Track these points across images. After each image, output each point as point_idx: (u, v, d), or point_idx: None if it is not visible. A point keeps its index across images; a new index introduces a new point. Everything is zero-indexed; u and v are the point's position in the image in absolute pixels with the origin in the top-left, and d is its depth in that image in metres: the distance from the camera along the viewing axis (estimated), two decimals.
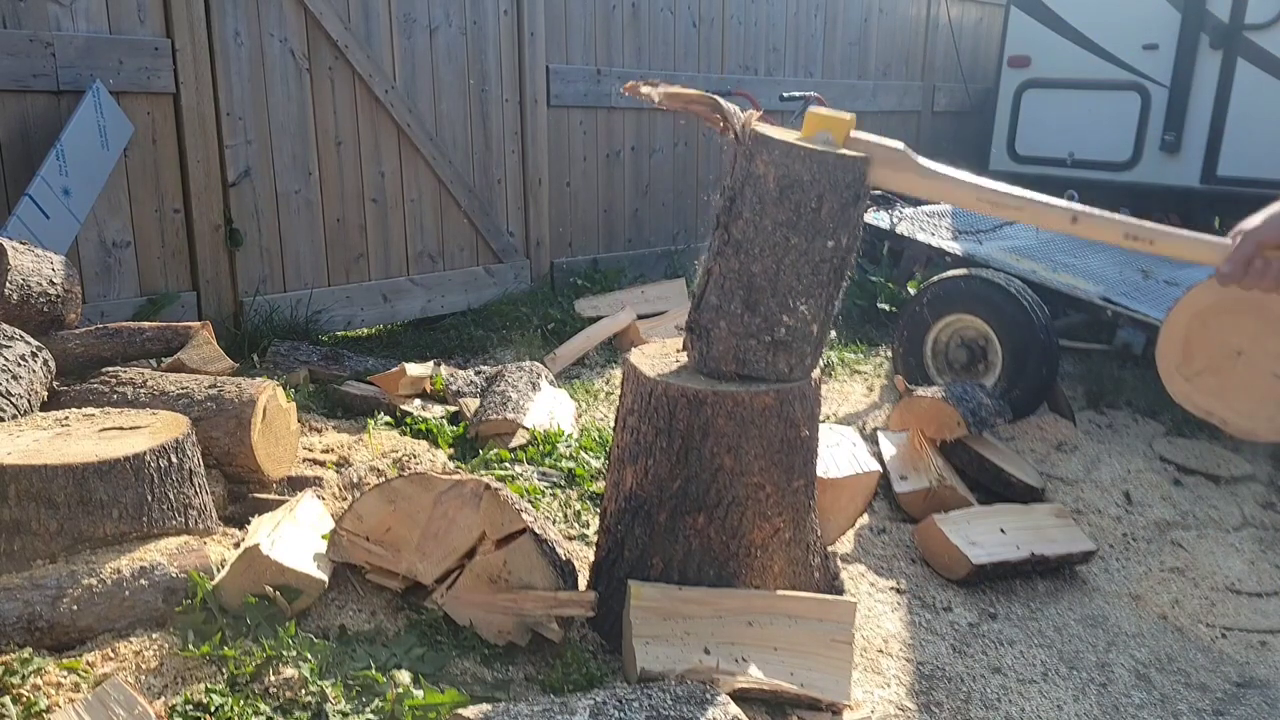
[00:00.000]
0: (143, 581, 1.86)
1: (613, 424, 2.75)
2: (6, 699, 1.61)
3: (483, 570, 1.96)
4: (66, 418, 2.19)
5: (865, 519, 2.95)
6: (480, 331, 4.68)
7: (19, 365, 2.39)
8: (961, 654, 2.31)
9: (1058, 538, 2.78)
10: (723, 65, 6.08)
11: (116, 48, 3.60)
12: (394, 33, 4.44)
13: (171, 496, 2.04)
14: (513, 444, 3.04)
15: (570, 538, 2.58)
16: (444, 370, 3.58)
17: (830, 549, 2.47)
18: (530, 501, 2.63)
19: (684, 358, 2.18)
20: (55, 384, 2.60)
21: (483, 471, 2.79)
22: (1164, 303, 3.88)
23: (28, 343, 2.49)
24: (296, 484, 2.58)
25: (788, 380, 2.06)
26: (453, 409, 3.37)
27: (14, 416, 2.28)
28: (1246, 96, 5.46)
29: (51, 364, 2.56)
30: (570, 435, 3.14)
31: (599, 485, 2.82)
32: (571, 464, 2.91)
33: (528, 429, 3.10)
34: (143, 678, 1.71)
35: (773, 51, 6.39)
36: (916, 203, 5.17)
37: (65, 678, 1.67)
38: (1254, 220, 1.64)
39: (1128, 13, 5.87)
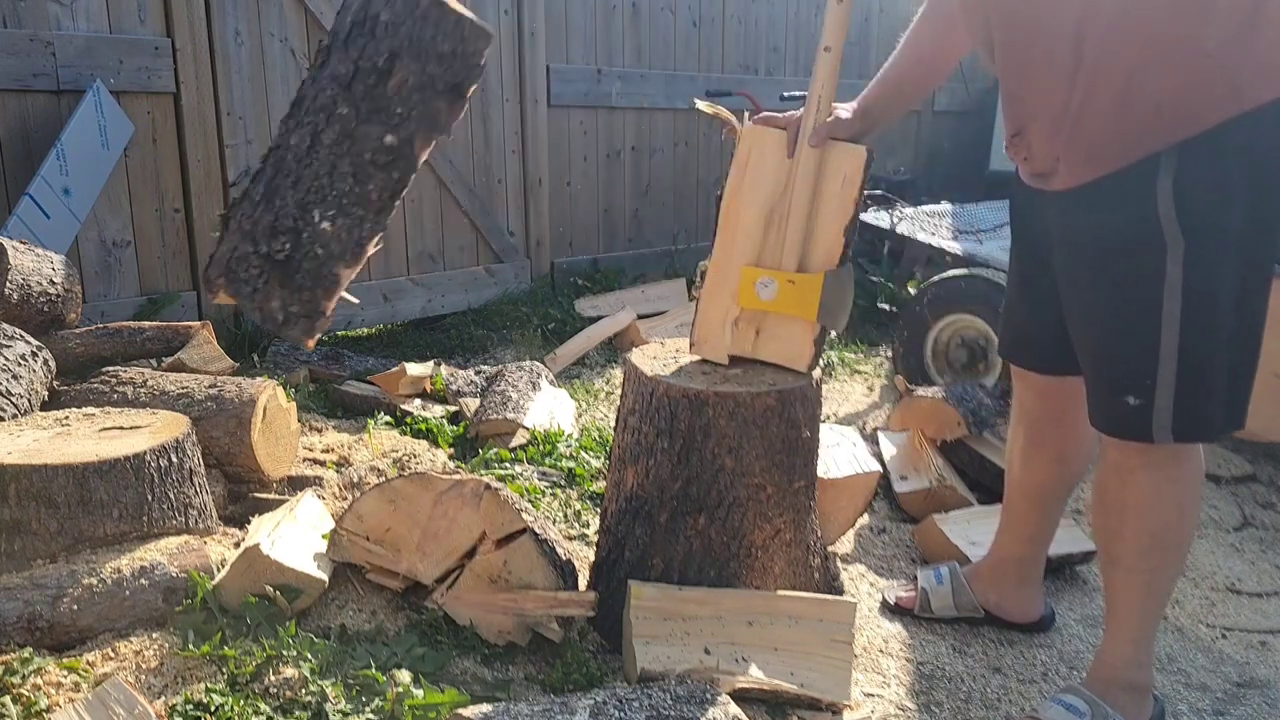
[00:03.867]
0: (143, 581, 1.86)
1: (613, 424, 2.75)
2: (6, 699, 1.61)
3: (483, 570, 1.96)
4: (66, 417, 2.19)
5: (865, 519, 2.95)
6: (480, 331, 4.68)
7: (19, 365, 2.39)
8: (961, 654, 2.31)
9: (1058, 537, 2.78)
10: (723, 65, 6.08)
11: (117, 47, 3.60)
12: None
13: (171, 496, 2.04)
14: (513, 444, 3.04)
15: (570, 538, 2.58)
16: (444, 370, 3.58)
17: (830, 549, 2.47)
18: (530, 501, 2.63)
19: (684, 358, 2.18)
20: (55, 383, 2.60)
21: (483, 471, 2.79)
22: None
23: (28, 342, 2.49)
24: (296, 484, 2.58)
25: (278, 328, 1.60)
26: (453, 409, 3.37)
27: (14, 416, 2.28)
28: None
29: (51, 363, 2.56)
30: (570, 435, 3.14)
31: (599, 485, 2.82)
32: (571, 464, 2.91)
33: (528, 429, 3.10)
34: (143, 677, 1.71)
35: (773, 51, 6.39)
36: (916, 202, 5.16)
37: (65, 677, 1.67)
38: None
39: None
